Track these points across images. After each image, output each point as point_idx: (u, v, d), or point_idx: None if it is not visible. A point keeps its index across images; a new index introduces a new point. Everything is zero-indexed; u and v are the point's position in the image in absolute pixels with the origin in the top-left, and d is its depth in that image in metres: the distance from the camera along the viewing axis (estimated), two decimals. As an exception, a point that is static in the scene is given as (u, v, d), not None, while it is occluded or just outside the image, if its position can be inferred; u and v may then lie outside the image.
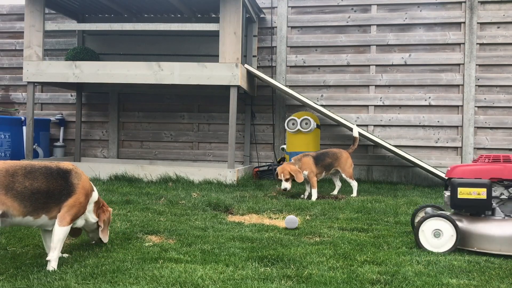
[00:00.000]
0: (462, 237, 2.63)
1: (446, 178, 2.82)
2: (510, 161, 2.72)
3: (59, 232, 2.25)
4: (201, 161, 6.52)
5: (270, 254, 2.43)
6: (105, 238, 2.57)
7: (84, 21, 6.80)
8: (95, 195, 2.50)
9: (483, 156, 2.83)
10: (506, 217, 2.68)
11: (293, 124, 5.44)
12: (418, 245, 2.65)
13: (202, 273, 2.12)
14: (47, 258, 2.23)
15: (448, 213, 2.76)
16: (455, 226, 2.60)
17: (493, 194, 2.69)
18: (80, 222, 2.44)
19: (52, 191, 2.25)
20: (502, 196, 2.69)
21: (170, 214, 3.58)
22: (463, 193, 2.63)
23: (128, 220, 3.33)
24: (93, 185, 2.52)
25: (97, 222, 2.52)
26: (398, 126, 6.08)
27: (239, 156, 6.38)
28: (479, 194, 2.62)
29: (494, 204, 2.70)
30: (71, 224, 2.31)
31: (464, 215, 2.74)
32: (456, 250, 2.63)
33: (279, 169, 4.42)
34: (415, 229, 2.68)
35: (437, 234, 2.64)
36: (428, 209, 2.79)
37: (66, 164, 2.39)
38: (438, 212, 2.72)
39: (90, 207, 2.47)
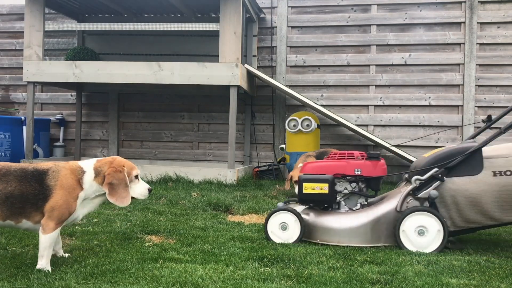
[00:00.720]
0: (308, 230, 2.77)
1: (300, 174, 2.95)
2: (353, 158, 2.88)
3: (43, 240, 2.13)
4: (201, 161, 6.52)
5: (270, 254, 2.43)
6: (119, 200, 2.25)
7: (84, 21, 6.80)
8: (88, 185, 2.24)
9: (333, 153, 2.98)
10: (349, 210, 2.83)
11: (294, 124, 5.43)
12: (267, 238, 2.79)
13: (202, 273, 2.12)
14: (37, 267, 2.15)
15: (298, 207, 2.90)
16: (300, 220, 2.74)
17: (339, 189, 2.84)
18: (82, 212, 2.27)
19: (27, 196, 2.13)
20: (345, 191, 2.84)
21: (170, 214, 3.58)
22: (308, 188, 2.78)
23: (128, 220, 3.33)
24: (88, 169, 2.27)
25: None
26: (398, 126, 6.08)
27: (239, 156, 6.38)
28: (322, 189, 2.76)
29: (339, 198, 2.84)
30: (58, 228, 2.16)
31: (314, 209, 2.86)
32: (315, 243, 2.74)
33: (293, 174, 4.39)
34: (265, 221, 2.82)
35: (283, 227, 2.77)
36: (280, 204, 2.88)
37: (44, 165, 2.22)
38: (286, 206, 2.84)
39: (91, 190, 2.25)
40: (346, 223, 2.70)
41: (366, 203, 2.86)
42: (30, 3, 5.65)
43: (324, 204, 2.84)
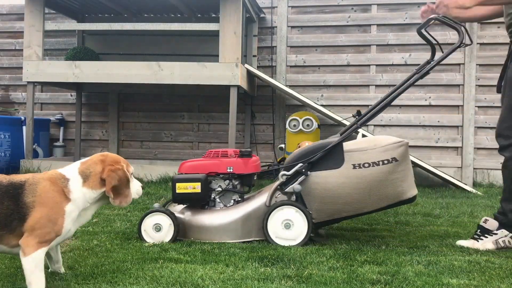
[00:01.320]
0: (184, 229, 2.79)
1: (177, 173, 2.99)
2: (226, 156, 2.92)
3: (25, 265, 1.74)
4: (201, 161, 6.51)
5: (270, 254, 2.43)
6: (124, 201, 1.99)
7: (84, 21, 6.80)
8: (77, 194, 1.88)
9: (209, 151, 3.02)
10: (223, 207, 2.87)
11: (294, 124, 5.43)
12: (140, 238, 2.78)
13: (202, 273, 2.12)
14: None
15: (176, 206, 2.95)
16: (173, 220, 2.74)
17: (214, 186, 2.89)
18: (75, 226, 1.93)
19: None
20: (219, 188, 2.89)
21: (170, 214, 3.58)
22: (181, 188, 2.80)
23: (128, 220, 3.32)
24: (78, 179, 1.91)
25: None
26: (399, 126, 6.08)
27: (239, 156, 6.37)
28: (194, 188, 2.79)
29: (214, 196, 2.89)
30: (43, 249, 1.78)
31: (191, 208, 2.89)
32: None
33: None
34: (139, 221, 2.81)
35: (157, 228, 2.76)
36: (156, 204, 2.90)
37: (21, 177, 1.84)
38: (160, 207, 2.85)
39: (82, 200, 1.90)
40: (218, 220, 2.76)
41: (240, 199, 2.93)
42: (30, 3, 5.65)
43: (198, 203, 2.88)
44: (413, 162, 5.47)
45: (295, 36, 6.34)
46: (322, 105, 5.94)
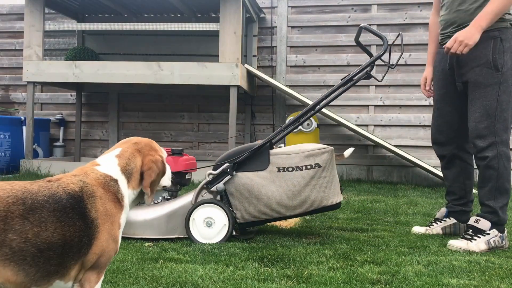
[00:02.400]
0: None
1: None
2: (172, 155, 2.98)
3: None
4: (201, 161, 6.51)
5: (270, 254, 2.43)
6: (153, 197, 1.59)
7: (84, 21, 6.80)
8: (127, 199, 1.49)
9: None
10: (151, 204, 2.90)
11: (293, 124, 5.42)
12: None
13: (202, 273, 2.12)
14: None
15: None
16: None
17: None
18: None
19: (70, 242, 1.28)
20: None
21: (170, 214, 3.58)
22: None
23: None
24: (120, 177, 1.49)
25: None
26: (399, 126, 6.08)
27: (239, 156, 6.38)
28: None
29: None
30: (101, 279, 1.41)
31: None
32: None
33: None
34: None
35: None
36: None
37: (69, 182, 1.36)
38: None
39: (130, 205, 1.53)
40: (142, 216, 2.80)
41: (169, 197, 3.00)
42: (30, 3, 5.65)
43: None
44: (413, 162, 5.47)
45: (295, 36, 6.34)
46: (322, 105, 5.94)
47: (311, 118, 5.43)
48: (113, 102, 6.69)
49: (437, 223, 3.05)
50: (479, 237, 2.67)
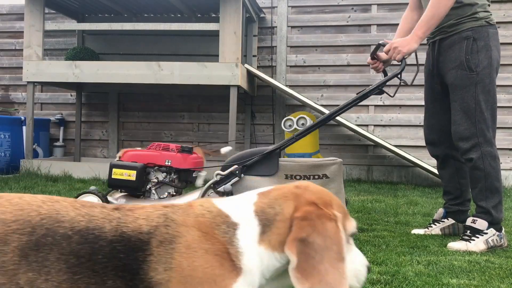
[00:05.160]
0: None
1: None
2: (168, 150, 3.02)
3: None
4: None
5: (270, 254, 2.42)
6: (317, 283, 0.90)
7: (84, 21, 6.80)
8: (254, 260, 0.93)
9: (154, 144, 3.14)
10: (157, 199, 2.95)
11: (289, 124, 5.42)
12: None
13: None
14: None
15: (117, 194, 3.02)
16: (103, 202, 2.82)
17: (151, 178, 2.99)
18: None
19: None
20: (155, 180, 2.99)
21: (170, 214, 3.58)
22: (116, 173, 2.89)
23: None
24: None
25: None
26: (399, 126, 6.07)
27: (239, 156, 6.37)
28: (129, 175, 2.87)
29: (150, 187, 2.99)
30: None
31: (128, 196, 2.97)
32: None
33: None
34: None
35: None
36: (92, 187, 3.00)
37: (143, 216, 0.91)
38: (95, 189, 2.94)
39: (260, 271, 0.94)
40: None
41: (175, 193, 3.02)
42: (30, 3, 5.65)
43: (132, 190, 2.97)
44: (413, 162, 5.47)
45: (295, 36, 6.33)
46: (322, 105, 5.94)
47: (306, 117, 5.42)
48: (113, 102, 6.68)
49: (435, 225, 3.06)
50: (478, 237, 2.67)
